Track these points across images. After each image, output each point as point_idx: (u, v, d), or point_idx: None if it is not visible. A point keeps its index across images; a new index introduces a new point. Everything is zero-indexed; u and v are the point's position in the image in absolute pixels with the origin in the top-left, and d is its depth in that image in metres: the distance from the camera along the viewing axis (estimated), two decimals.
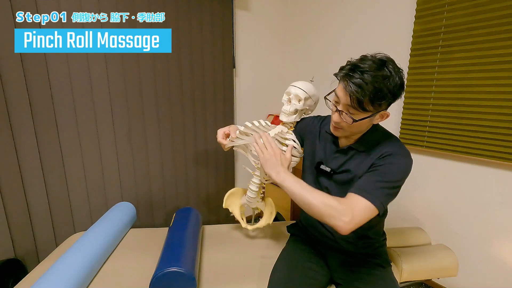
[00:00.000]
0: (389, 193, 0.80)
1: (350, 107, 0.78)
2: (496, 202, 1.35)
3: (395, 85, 0.75)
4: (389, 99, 0.77)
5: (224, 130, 1.15)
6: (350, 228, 0.74)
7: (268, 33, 2.30)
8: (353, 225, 0.74)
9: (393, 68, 0.76)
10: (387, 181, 0.79)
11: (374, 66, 0.74)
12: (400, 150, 0.83)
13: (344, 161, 0.92)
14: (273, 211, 1.29)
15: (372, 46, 1.76)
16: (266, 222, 1.28)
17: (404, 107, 1.61)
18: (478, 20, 1.30)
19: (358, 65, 0.76)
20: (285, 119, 1.11)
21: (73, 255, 1.04)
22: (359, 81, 0.74)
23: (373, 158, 0.85)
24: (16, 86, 1.32)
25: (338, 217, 0.74)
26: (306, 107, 1.10)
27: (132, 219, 1.50)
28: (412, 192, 1.65)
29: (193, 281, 0.95)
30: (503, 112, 1.27)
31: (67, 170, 1.52)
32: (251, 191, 1.21)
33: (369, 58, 0.77)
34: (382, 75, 0.74)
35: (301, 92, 1.06)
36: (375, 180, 0.80)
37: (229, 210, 1.35)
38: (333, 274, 1.00)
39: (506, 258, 1.35)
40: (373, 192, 0.77)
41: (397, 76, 0.75)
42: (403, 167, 0.81)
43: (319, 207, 0.76)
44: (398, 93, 0.77)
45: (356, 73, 0.75)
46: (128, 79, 1.62)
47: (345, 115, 0.81)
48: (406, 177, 0.82)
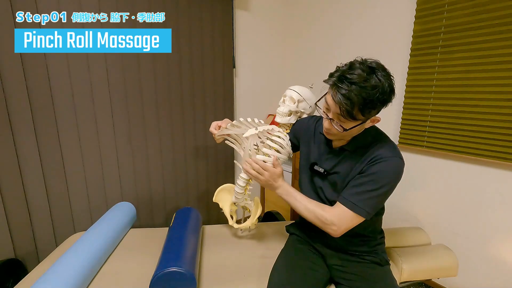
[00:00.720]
0: (377, 201, 0.84)
1: (340, 116, 0.78)
2: (496, 202, 1.35)
3: (384, 93, 0.74)
4: (379, 106, 0.77)
5: (217, 122, 1.21)
6: (339, 233, 0.86)
7: (268, 33, 2.30)
8: (341, 231, 0.86)
9: (383, 76, 0.74)
10: (375, 189, 0.82)
11: (363, 75, 0.73)
12: (391, 153, 0.83)
13: (336, 162, 0.93)
14: (258, 211, 1.28)
15: (372, 46, 1.76)
16: (250, 222, 1.29)
17: (404, 107, 1.61)
18: (478, 20, 1.30)
19: (346, 75, 0.74)
20: (279, 119, 1.15)
21: (73, 255, 1.04)
22: (347, 93, 0.73)
23: (364, 161, 0.85)
24: (16, 86, 1.32)
25: (327, 226, 0.87)
26: (301, 109, 1.14)
27: (132, 219, 1.50)
28: (412, 192, 1.65)
29: (193, 281, 0.95)
30: (503, 112, 1.27)
31: (67, 170, 1.52)
32: (238, 186, 1.20)
33: (358, 66, 0.75)
34: (371, 86, 0.72)
35: (295, 94, 1.11)
36: (363, 190, 0.83)
37: (219, 205, 1.35)
38: (333, 273, 1.00)
39: (506, 258, 1.35)
40: (359, 203, 0.83)
41: (387, 83, 0.74)
42: (392, 174, 0.82)
43: (311, 218, 0.90)
44: (388, 99, 0.77)
45: (344, 83, 0.73)
46: (128, 79, 1.62)
47: (336, 123, 0.82)
48: (397, 182, 0.84)
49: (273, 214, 1.89)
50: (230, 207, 1.32)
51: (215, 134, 1.21)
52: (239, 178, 1.19)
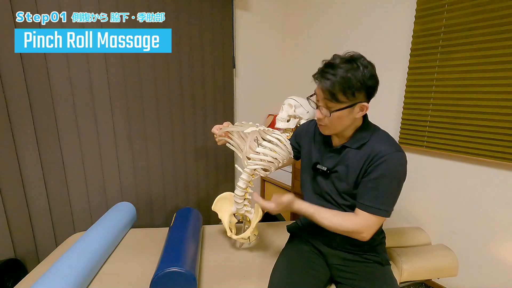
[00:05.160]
0: (394, 197, 0.87)
1: (327, 101, 0.85)
2: (496, 202, 1.35)
3: (364, 76, 0.82)
4: (361, 89, 0.83)
5: (219, 125, 1.24)
6: (369, 238, 0.88)
7: (268, 33, 2.30)
8: (370, 236, 0.88)
9: (362, 63, 0.83)
10: (389, 188, 0.86)
11: (343, 60, 0.83)
12: (391, 148, 0.86)
13: (338, 160, 0.94)
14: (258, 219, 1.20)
15: (372, 46, 1.76)
16: (250, 231, 1.21)
17: (404, 107, 1.61)
18: (478, 20, 1.30)
19: (330, 63, 0.85)
20: (279, 125, 1.23)
21: (73, 255, 1.04)
22: (330, 76, 0.82)
23: (365, 155, 0.88)
24: (16, 86, 1.32)
25: (356, 235, 0.88)
26: (299, 114, 1.22)
27: (132, 219, 1.50)
28: (412, 192, 1.65)
29: (193, 281, 0.95)
30: (503, 112, 1.27)
31: (67, 170, 1.52)
32: (238, 188, 1.18)
33: (338, 56, 0.86)
34: (351, 67, 0.82)
35: (292, 101, 1.22)
36: (379, 193, 0.85)
37: (218, 215, 1.30)
38: (333, 273, 1.00)
39: (506, 258, 1.35)
40: (381, 206, 0.85)
41: (366, 69, 0.82)
42: (400, 168, 0.86)
43: (337, 229, 0.89)
44: (369, 83, 0.83)
45: (329, 69, 0.83)
46: (128, 79, 1.62)
47: (323, 109, 0.88)
48: (406, 173, 0.87)
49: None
50: (229, 219, 1.28)
51: (217, 133, 1.22)
52: (240, 180, 1.19)
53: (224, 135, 1.22)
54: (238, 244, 1.31)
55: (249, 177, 1.16)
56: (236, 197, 1.20)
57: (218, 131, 1.21)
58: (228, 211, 1.28)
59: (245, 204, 1.22)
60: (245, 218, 1.29)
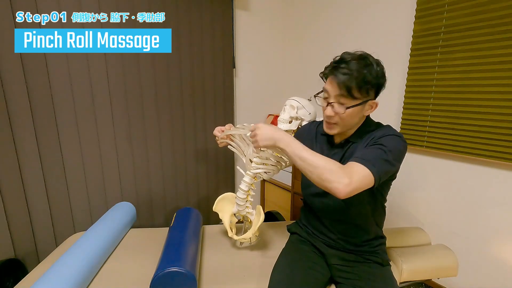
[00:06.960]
0: (387, 166, 0.81)
1: (341, 97, 0.84)
2: (496, 202, 1.35)
3: (377, 73, 0.83)
4: (374, 86, 0.84)
5: (220, 127, 1.25)
6: (348, 191, 0.75)
7: (268, 33, 2.30)
8: (351, 189, 0.75)
9: (373, 60, 0.84)
10: (382, 153, 0.81)
11: (356, 57, 0.84)
12: (393, 132, 0.88)
13: (343, 154, 0.95)
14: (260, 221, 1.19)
15: (372, 46, 1.76)
16: (251, 233, 1.21)
17: (404, 107, 1.61)
18: (478, 20, 1.30)
19: (342, 58, 0.85)
20: (281, 126, 1.21)
21: (73, 255, 1.04)
22: (346, 70, 0.82)
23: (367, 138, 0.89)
24: (16, 86, 1.32)
25: (337, 180, 0.75)
26: (301, 116, 1.20)
27: (132, 219, 1.50)
28: (412, 192, 1.65)
29: (193, 281, 0.95)
30: (503, 112, 1.27)
31: (67, 170, 1.52)
32: (241, 190, 1.19)
33: (350, 53, 0.86)
34: (365, 64, 0.82)
35: (295, 102, 1.19)
36: (375, 153, 0.82)
37: (219, 215, 1.30)
38: (333, 273, 1.00)
39: (506, 258, 1.35)
40: (372, 161, 0.79)
41: (378, 66, 0.84)
42: (396, 143, 0.84)
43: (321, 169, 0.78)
44: (381, 81, 0.85)
45: (342, 64, 0.83)
46: (128, 79, 1.62)
47: (336, 106, 0.86)
48: (401, 156, 0.85)
49: (273, 214, 1.90)
50: (230, 219, 1.28)
51: (219, 136, 1.23)
52: (242, 183, 1.19)
53: (226, 138, 1.22)
54: (239, 243, 1.31)
55: (251, 180, 1.17)
56: (238, 199, 1.21)
57: (220, 134, 1.21)
58: (229, 211, 1.29)
59: (247, 206, 1.23)
60: (245, 218, 1.29)
